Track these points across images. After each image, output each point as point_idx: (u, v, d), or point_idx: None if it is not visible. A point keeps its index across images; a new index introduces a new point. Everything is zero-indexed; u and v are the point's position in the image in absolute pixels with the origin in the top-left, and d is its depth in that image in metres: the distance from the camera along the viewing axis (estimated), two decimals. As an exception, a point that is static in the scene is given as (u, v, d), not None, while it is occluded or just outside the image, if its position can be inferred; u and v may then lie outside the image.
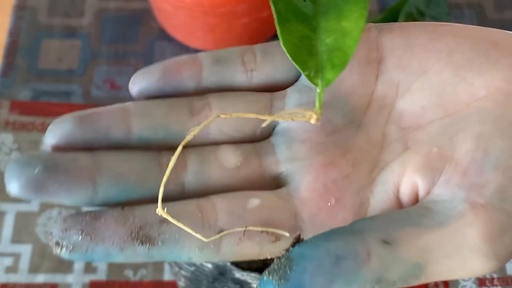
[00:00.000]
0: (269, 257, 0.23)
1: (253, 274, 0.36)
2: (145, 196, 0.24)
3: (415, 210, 0.22)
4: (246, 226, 0.23)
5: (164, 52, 0.60)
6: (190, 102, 0.25)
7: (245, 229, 0.23)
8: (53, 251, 0.22)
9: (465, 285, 0.49)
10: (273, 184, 0.25)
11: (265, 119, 0.24)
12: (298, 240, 0.21)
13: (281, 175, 0.25)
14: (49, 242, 0.22)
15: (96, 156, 0.24)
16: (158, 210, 0.22)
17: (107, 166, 0.23)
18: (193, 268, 0.39)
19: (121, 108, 0.25)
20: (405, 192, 0.23)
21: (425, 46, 0.24)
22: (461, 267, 0.21)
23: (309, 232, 0.23)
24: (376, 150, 0.24)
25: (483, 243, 0.20)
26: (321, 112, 0.24)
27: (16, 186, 0.22)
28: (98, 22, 0.62)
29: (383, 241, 0.20)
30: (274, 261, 0.21)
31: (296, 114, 0.24)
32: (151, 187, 0.23)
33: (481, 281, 0.49)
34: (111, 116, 0.24)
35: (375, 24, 0.26)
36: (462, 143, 0.22)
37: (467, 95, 0.23)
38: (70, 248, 0.22)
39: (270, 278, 0.20)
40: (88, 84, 0.59)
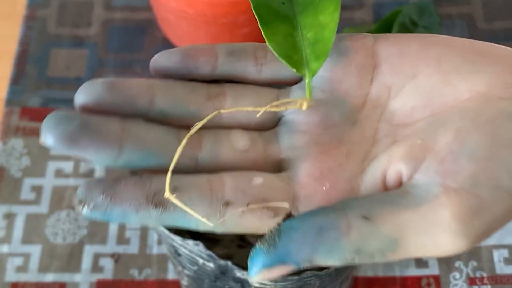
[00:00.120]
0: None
1: None
2: (162, 165, 0.25)
3: (396, 193, 0.23)
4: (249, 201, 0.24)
5: (168, 61, 0.61)
6: (208, 87, 0.27)
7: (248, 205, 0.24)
8: (76, 209, 0.23)
9: (457, 284, 0.49)
10: (276, 168, 0.27)
11: (272, 110, 0.26)
12: (289, 216, 0.23)
13: (283, 161, 0.27)
14: (74, 202, 0.23)
15: (125, 123, 0.25)
16: (166, 193, 0.23)
17: (133, 133, 0.25)
18: (196, 267, 0.39)
19: (148, 81, 0.26)
20: (391, 179, 0.25)
21: (416, 53, 0.26)
22: (434, 243, 0.22)
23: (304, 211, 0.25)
24: (368, 143, 0.26)
25: (454, 222, 0.22)
26: (311, 100, 0.25)
27: (51, 138, 0.23)
28: (104, 32, 0.62)
29: (363, 217, 0.22)
30: (266, 232, 0.23)
31: (290, 103, 0.26)
32: (169, 158, 0.24)
33: (471, 280, 0.49)
34: (139, 86, 0.26)
35: (372, 34, 0.27)
36: (443, 136, 0.24)
37: (452, 97, 0.25)
38: (91, 206, 0.23)
39: (261, 246, 0.22)
40: None
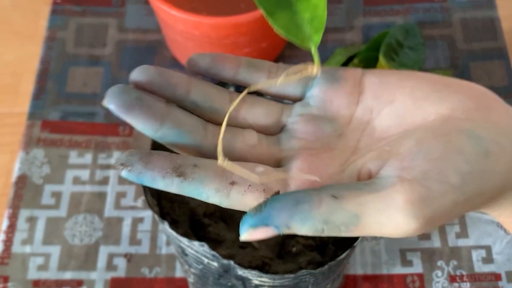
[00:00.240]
0: None
1: (253, 272, 0.36)
2: (189, 144, 0.28)
3: (362, 182, 0.26)
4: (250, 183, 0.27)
5: (176, 78, 0.61)
6: (231, 93, 0.30)
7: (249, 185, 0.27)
8: (117, 171, 0.26)
9: (439, 281, 0.49)
10: (275, 164, 0.29)
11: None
12: (277, 194, 0.26)
13: (281, 159, 0.29)
14: (115, 165, 0.26)
15: (168, 105, 0.28)
16: (219, 160, 0.26)
17: (173, 114, 0.28)
18: (201, 266, 0.39)
19: (187, 77, 0.30)
20: (363, 176, 0.28)
21: (394, 84, 0.29)
22: (389, 222, 0.24)
23: None
24: (350, 151, 0.29)
25: (406, 204, 0.24)
26: (319, 65, 0.29)
27: (113, 105, 0.27)
28: (118, 52, 0.62)
29: (332, 196, 0.25)
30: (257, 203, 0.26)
31: (301, 71, 0.29)
32: (195, 139, 0.28)
33: (452, 278, 0.49)
34: (181, 78, 0.29)
35: (361, 68, 0.30)
36: (406, 144, 0.27)
37: (421, 118, 0.28)
38: (129, 168, 0.26)
39: (250, 211, 0.25)
40: None
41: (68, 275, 0.50)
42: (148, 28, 0.63)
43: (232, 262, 0.36)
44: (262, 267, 0.42)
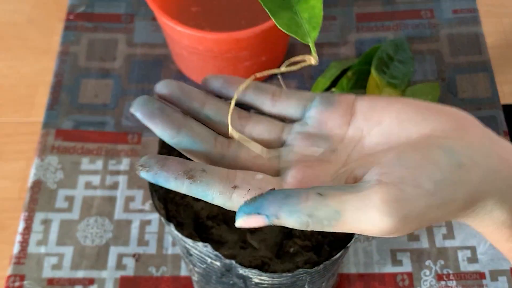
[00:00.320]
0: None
1: (253, 271, 0.36)
2: (200, 151, 0.30)
3: (347, 185, 0.28)
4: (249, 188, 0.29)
5: (181, 90, 0.61)
6: (239, 110, 0.33)
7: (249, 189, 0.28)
8: (136, 171, 0.28)
9: (427, 280, 0.50)
10: (274, 174, 0.31)
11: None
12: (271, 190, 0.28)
13: (280, 169, 0.31)
14: (135, 166, 0.28)
15: (186, 116, 0.31)
16: (230, 130, 0.30)
17: (189, 124, 0.30)
18: (205, 265, 0.39)
19: (204, 93, 0.32)
20: (349, 182, 0.29)
21: (382, 107, 0.30)
22: (366, 218, 0.26)
23: None
24: (340, 164, 0.30)
25: (381, 203, 0.26)
26: (316, 56, 0.31)
27: (139, 113, 0.29)
28: (127, 65, 0.62)
29: (318, 193, 0.26)
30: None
31: (300, 62, 0.31)
32: (206, 148, 0.30)
33: (439, 276, 0.50)
34: (198, 94, 0.32)
35: (355, 95, 0.32)
36: (388, 155, 0.28)
37: (405, 137, 0.29)
38: (147, 169, 0.27)
39: (246, 202, 0.27)
40: (119, 115, 0.59)
41: (80, 274, 0.50)
42: (155, 43, 0.64)
43: (233, 262, 0.36)
44: (262, 267, 0.42)
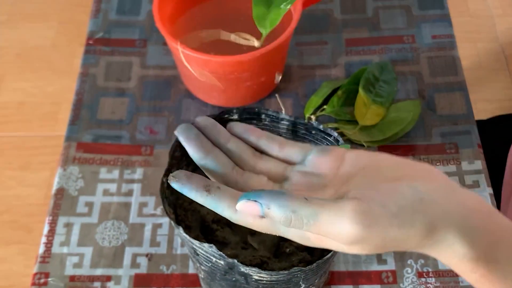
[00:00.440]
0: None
1: (253, 269, 0.37)
2: (219, 174, 0.36)
3: (328, 198, 0.32)
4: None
5: (189, 107, 0.61)
6: (254, 151, 0.38)
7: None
8: (168, 180, 0.32)
9: (408, 276, 0.50)
10: None
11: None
12: None
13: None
14: (168, 178, 0.32)
15: (213, 146, 0.37)
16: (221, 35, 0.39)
17: (215, 152, 0.36)
18: (210, 264, 0.39)
19: (228, 132, 0.38)
20: None
21: (366, 158, 0.35)
22: (338, 223, 0.29)
23: None
24: (329, 195, 0.34)
25: (351, 212, 0.29)
26: (262, 42, 0.40)
27: (182, 138, 0.36)
28: (140, 85, 0.63)
29: (305, 198, 0.30)
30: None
31: (244, 38, 0.43)
32: (224, 173, 0.36)
33: (420, 274, 0.50)
34: (225, 132, 0.38)
35: (345, 149, 0.36)
36: (366, 183, 0.32)
37: (383, 178, 0.32)
38: (176, 179, 0.32)
39: (249, 191, 0.31)
40: (133, 130, 0.60)
41: (98, 272, 0.51)
42: (165, 65, 0.64)
43: (236, 261, 0.37)
44: (261, 265, 0.42)
